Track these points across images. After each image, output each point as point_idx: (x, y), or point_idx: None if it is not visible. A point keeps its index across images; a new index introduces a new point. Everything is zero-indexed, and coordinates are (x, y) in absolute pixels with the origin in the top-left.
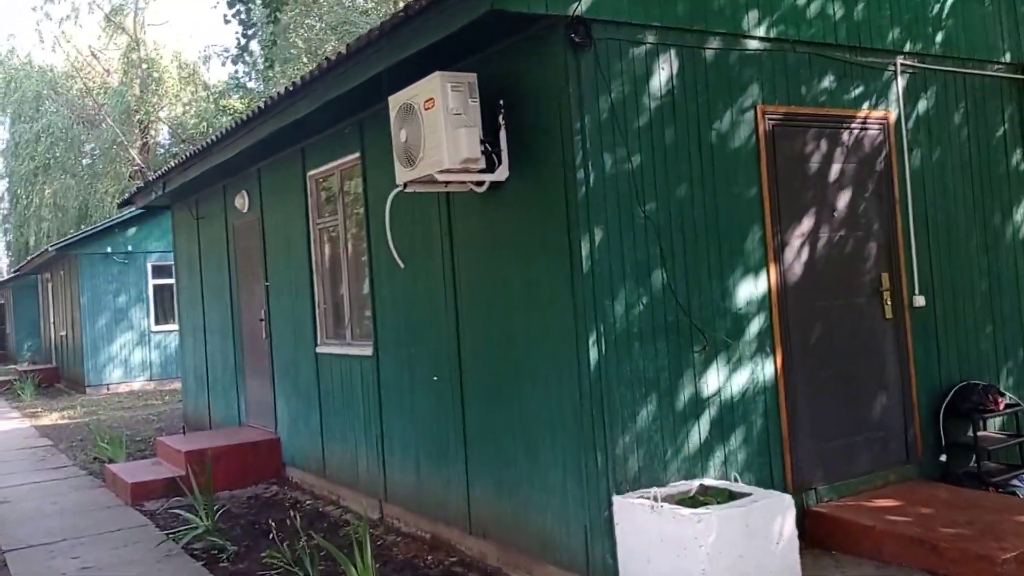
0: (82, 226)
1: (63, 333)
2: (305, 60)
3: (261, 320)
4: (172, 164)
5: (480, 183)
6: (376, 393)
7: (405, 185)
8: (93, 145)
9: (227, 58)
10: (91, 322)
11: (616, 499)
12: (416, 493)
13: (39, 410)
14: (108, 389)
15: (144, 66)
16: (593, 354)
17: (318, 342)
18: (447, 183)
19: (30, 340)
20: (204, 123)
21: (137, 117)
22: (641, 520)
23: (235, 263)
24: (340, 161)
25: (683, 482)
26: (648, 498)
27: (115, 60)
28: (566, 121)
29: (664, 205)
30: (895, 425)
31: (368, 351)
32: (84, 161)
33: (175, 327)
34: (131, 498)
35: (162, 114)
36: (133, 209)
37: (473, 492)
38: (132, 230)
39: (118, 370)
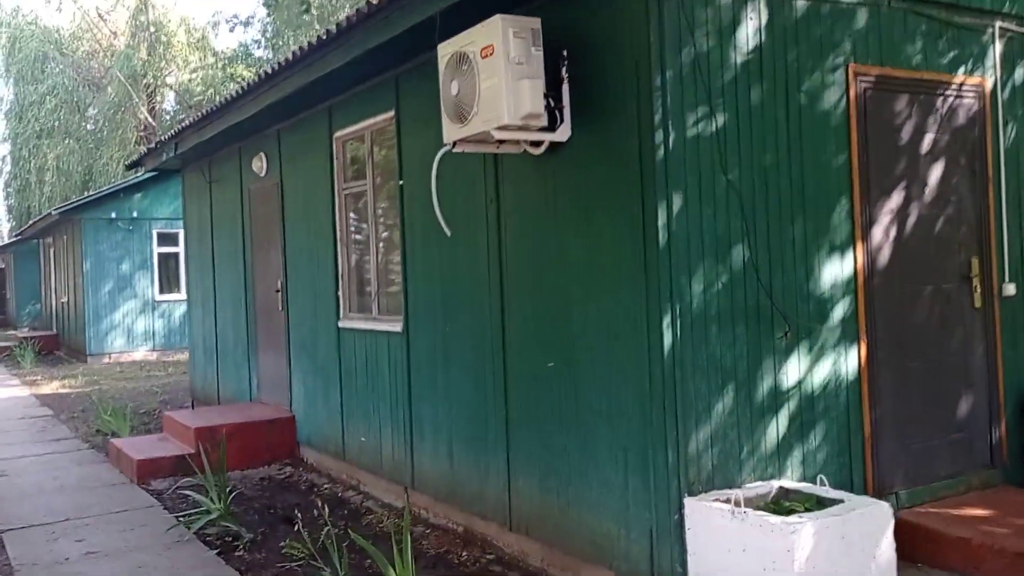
0: (86, 192)
1: (64, 299)
2: (317, 27)
3: (277, 291)
4: (187, 122)
5: (537, 143)
6: (406, 372)
7: (454, 144)
8: (98, 110)
9: (236, 23)
10: (94, 289)
11: (688, 501)
12: (448, 482)
13: (39, 378)
14: (110, 358)
15: (152, 30)
16: (667, 338)
17: (340, 316)
18: (501, 142)
19: (30, 305)
20: (211, 90)
21: (144, 82)
22: (719, 526)
23: (250, 230)
24: (371, 121)
25: (759, 483)
26: (727, 501)
27: (122, 22)
28: (644, 74)
29: (748, 172)
30: (979, 425)
31: (397, 327)
32: (88, 127)
33: (180, 296)
34: (137, 476)
35: (169, 80)
36: (140, 172)
37: (515, 484)
38: (138, 196)
39: (120, 339)
